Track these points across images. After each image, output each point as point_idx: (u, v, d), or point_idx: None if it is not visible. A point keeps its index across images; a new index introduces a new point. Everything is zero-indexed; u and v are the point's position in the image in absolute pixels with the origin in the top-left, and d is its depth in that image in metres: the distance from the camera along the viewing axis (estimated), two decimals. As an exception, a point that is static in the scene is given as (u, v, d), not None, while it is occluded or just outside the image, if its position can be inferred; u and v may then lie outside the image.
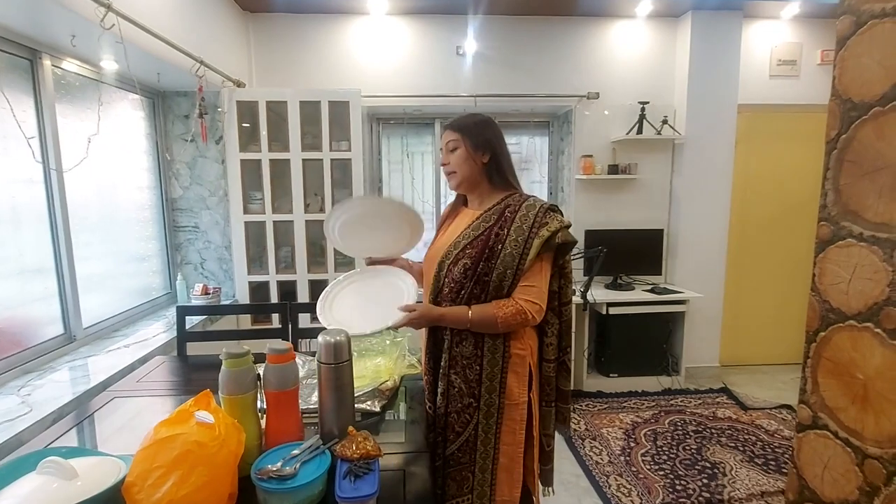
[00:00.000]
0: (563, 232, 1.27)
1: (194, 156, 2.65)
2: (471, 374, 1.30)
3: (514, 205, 1.31)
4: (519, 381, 1.32)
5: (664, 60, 3.36)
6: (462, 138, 1.33)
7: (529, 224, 1.26)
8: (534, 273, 1.27)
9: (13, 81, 1.69)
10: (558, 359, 1.39)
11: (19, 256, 1.76)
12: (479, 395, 1.30)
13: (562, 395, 1.42)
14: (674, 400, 3.12)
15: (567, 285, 1.37)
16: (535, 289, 1.26)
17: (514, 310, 1.24)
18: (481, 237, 1.29)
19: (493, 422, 1.31)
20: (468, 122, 1.35)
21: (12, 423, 1.30)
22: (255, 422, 1.03)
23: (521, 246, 1.25)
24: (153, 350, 1.90)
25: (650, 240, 3.41)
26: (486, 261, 1.26)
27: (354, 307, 1.40)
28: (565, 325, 1.38)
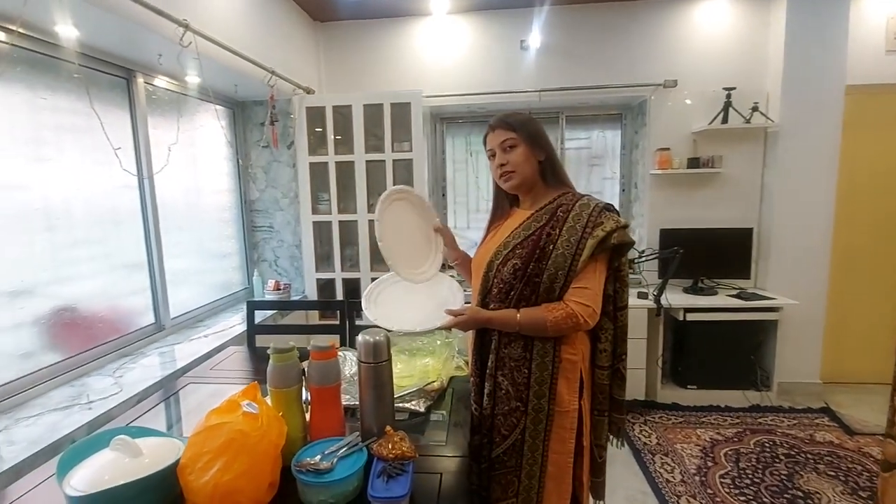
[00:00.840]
0: (619, 232, 1.20)
1: (269, 160, 2.84)
2: (518, 377, 1.26)
3: (567, 204, 1.26)
4: (570, 388, 1.26)
5: (754, 40, 3.03)
6: (520, 136, 1.28)
7: (583, 224, 1.21)
8: (587, 275, 1.21)
9: (112, 98, 1.91)
10: (612, 366, 1.31)
11: (120, 253, 1.98)
12: (527, 400, 1.25)
13: (616, 405, 1.34)
14: (762, 418, 2.81)
15: (623, 289, 1.30)
16: (589, 291, 1.20)
17: (565, 313, 1.18)
18: (532, 237, 1.25)
19: (541, 428, 1.25)
20: (522, 120, 1.30)
21: (105, 401, 1.47)
22: (299, 414, 1.07)
23: (573, 246, 1.20)
24: (228, 340, 2.05)
25: (737, 240, 3.09)
26: (537, 261, 1.22)
27: (400, 304, 1.41)
28: (621, 331, 1.30)
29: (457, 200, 3.65)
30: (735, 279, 3.12)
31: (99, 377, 1.66)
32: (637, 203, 3.38)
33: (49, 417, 1.36)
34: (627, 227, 1.24)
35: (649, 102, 3.13)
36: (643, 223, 3.25)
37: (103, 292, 1.90)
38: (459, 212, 3.67)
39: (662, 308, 2.83)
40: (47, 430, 1.30)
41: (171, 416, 1.37)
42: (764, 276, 3.13)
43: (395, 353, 1.60)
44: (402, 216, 1.46)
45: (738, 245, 3.10)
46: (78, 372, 1.67)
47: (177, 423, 1.33)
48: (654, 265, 3.09)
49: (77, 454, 0.96)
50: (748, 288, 3.09)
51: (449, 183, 3.60)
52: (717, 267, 3.12)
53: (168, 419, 1.36)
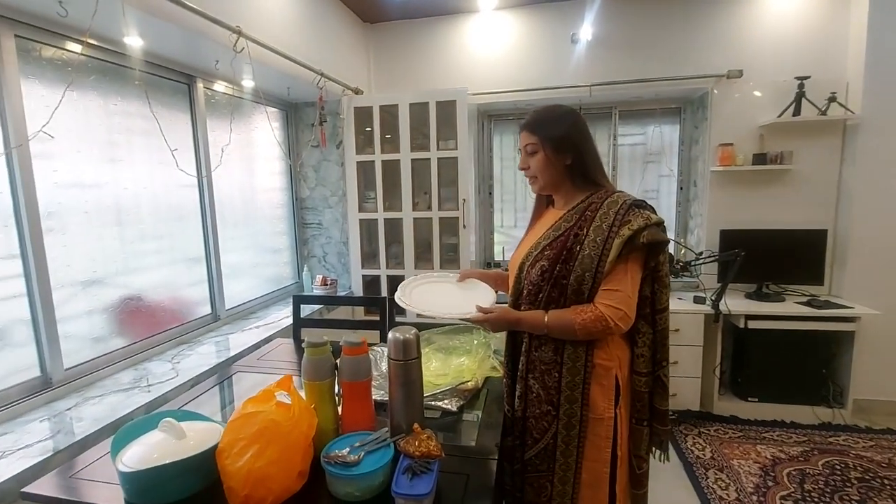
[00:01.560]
0: (649, 230, 1.13)
1: (319, 160, 2.93)
2: (549, 380, 1.22)
3: (596, 202, 1.21)
4: (604, 394, 1.20)
5: (831, 23, 2.77)
6: (541, 141, 1.24)
7: (610, 222, 1.16)
8: (617, 276, 1.15)
9: (174, 103, 2.05)
10: (652, 373, 1.24)
11: (181, 247, 2.13)
12: (558, 404, 1.21)
13: (658, 415, 1.26)
14: (834, 437, 2.57)
15: (662, 290, 1.22)
16: (619, 293, 1.14)
17: (594, 315, 1.13)
18: (561, 238, 1.21)
19: (574, 434, 1.21)
20: (546, 122, 1.25)
21: (162, 384, 1.57)
22: (331, 407, 1.09)
23: (599, 247, 1.15)
24: (276, 332, 2.14)
25: (808, 243, 2.85)
26: (564, 263, 1.18)
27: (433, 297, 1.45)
28: (660, 336, 1.23)
29: (504, 199, 3.60)
30: (805, 285, 2.87)
31: (159, 362, 1.78)
32: (696, 202, 3.19)
33: (112, 398, 1.48)
34: (661, 224, 1.16)
35: (711, 95, 2.94)
36: (702, 223, 3.06)
37: (166, 283, 2.04)
38: (507, 210, 3.62)
39: (721, 314, 2.66)
40: (110, 409, 1.41)
41: (221, 401, 1.44)
42: (839, 283, 2.86)
43: (431, 351, 1.62)
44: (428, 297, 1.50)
45: (810, 248, 2.85)
46: (141, 357, 1.80)
47: (223, 409, 1.40)
48: (713, 268, 2.90)
49: (129, 433, 1.04)
50: (820, 295, 2.83)
51: (496, 181, 3.57)
52: (785, 271, 2.89)
53: (217, 404, 1.44)
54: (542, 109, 1.29)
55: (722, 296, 2.66)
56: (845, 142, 2.83)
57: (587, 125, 1.28)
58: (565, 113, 1.26)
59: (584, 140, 1.25)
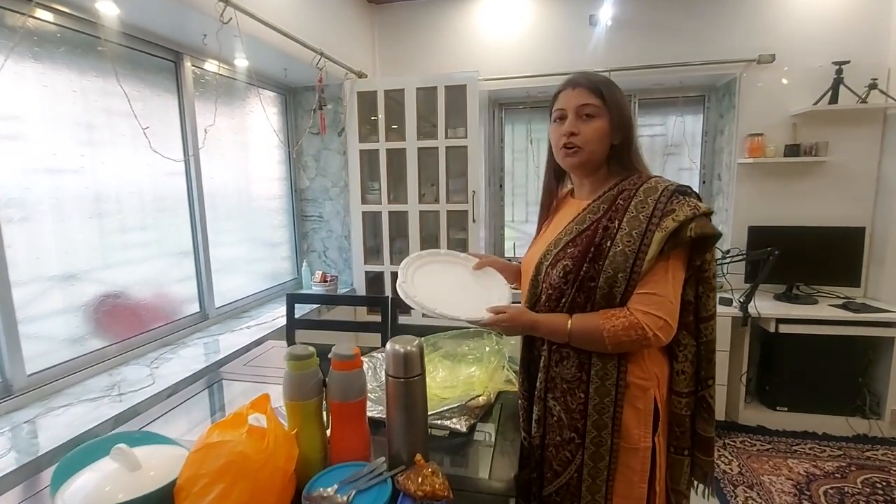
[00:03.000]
0: (697, 221, 0.93)
1: (319, 148, 2.75)
2: (573, 401, 1.03)
3: (629, 189, 1.01)
4: (640, 420, 1.01)
5: (873, 4, 2.54)
6: (605, 107, 1.01)
7: (649, 213, 0.96)
8: (656, 277, 0.95)
9: (160, 81, 1.88)
10: (695, 392, 1.04)
11: (168, 240, 1.96)
12: (584, 431, 1.02)
13: (701, 443, 1.06)
14: (871, 451, 2.38)
15: (707, 294, 1.02)
16: (658, 298, 0.95)
17: (628, 322, 0.94)
18: (587, 232, 1.01)
19: (603, 466, 1.02)
20: (612, 86, 1.04)
21: (136, 393, 1.41)
22: (318, 432, 0.92)
23: (636, 242, 0.95)
24: (269, 333, 1.98)
25: (844, 241, 2.63)
26: (592, 262, 0.98)
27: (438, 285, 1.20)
28: (705, 349, 1.03)
29: (515, 192, 3.41)
30: (840, 287, 2.67)
31: (136, 367, 1.62)
32: (721, 196, 2.99)
33: (78, 409, 1.32)
34: (710, 214, 0.97)
35: (739, 81, 2.73)
36: (727, 219, 2.86)
37: (150, 279, 1.88)
38: (517, 203, 3.43)
39: (749, 317, 2.46)
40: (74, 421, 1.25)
41: (198, 416, 1.28)
42: (876, 285, 2.65)
43: (438, 358, 1.44)
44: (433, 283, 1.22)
45: (846, 247, 2.64)
46: (118, 360, 1.64)
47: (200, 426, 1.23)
48: (740, 268, 2.70)
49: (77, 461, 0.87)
50: (856, 297, 2.62)
51: (507, 173, 3.38)
52: (818, 272, 2.68)
53: (194, 419, 1.27)
54: (599, 75, 1.08)
55: (751, 297, 2.46)
56: (886, 132, 2.61)
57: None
58: (620, 89, 1.07)
59: (633, 122, 1.07)
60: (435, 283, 1.21)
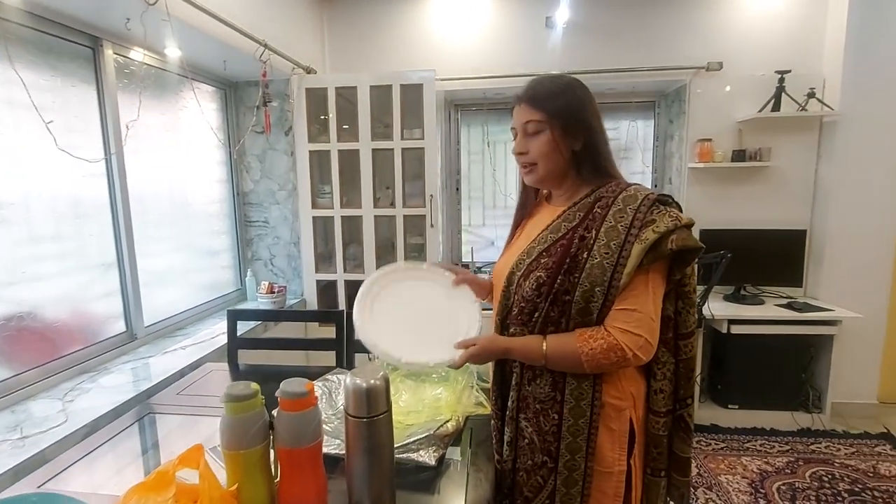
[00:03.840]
0: (679, 233, 0.88)
1: (264, 148, 2.55)
2: (546, 422, 0.97)
3: (607, 197, 0.95)
4: (614, 442, 0.96)
5: (810, 17, 2.68)
6: (548, 119, 0.96)
7: (628, 223, 0.90)
8: (636, 292, 0.90)
9: (75, 70, 1.64)
10: (673, 412, 1.00)
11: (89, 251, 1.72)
12: (558, 454, 0.96)
13: (678, 464, 1.02)
14: (816, 444, 2.48)
15: (688, 310, 0.98)
16: (639, 315, 0.89)
17: (607, 344, 0.89)
18: (562, 242, 0.95)
19: (576, 492, 0.96)
20: (555, 94, 0.98)
21: (42, 435, 1.19)
22: (264, 485, 0.78)
23: (614, 254, 0.89)
24: (208, 354, 1.78)
25: (787, 243, 2.75)
26: (567, 274, 0.92)
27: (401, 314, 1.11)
28: (684, 367, 0.99)
29: (472, 195, 3.34)
30: (783, 287, 2.79)
31: (47, 401, 1.39)
32: (672, 200, 3.05)
33: (-33, 459, 1.09)
34: (692, 225, 0.92)
35: (689, 88, 2.79)
36: (679, 223, 2.91)
37: (66, 296, 1.64)
38: (475, 207, 3.36)
39: (704, 319, 2.51)
40: (-38, 476, 1.03)
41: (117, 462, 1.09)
42: (815, 284, 2.78)
43: (400, 378, 1.32)
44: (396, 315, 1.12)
45: (789, 249, 2.76)
46: (24, 394, 1.40)
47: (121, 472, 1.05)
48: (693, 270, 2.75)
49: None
50: (798, 297, 2.75)
51: (464, 176, 3.30)
52: (764, 273, 2.79)
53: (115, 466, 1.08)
54: (545, 79, 1.01)
55: (706, 299, 2.51)
56: (822, 139, 2.75)
57: (594, 101, 1.01)
58: (575, 85, 0.99)
59: (598, 120, 0.99)
60: (397, 314, 1.11)
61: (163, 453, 1.11)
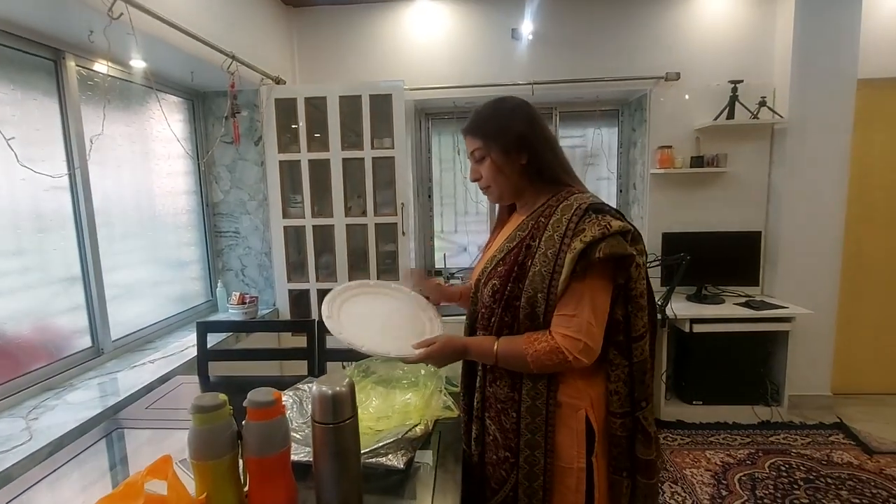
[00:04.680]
0: (607, 242, 0.92)
1: (234, 158, 2.55)
2: (506, 421, 1.04)
3: (552, 206, 1.02)
4: (573, 440, 1.01)
5: (760, 32, 2.84)
6: (486, 145, 1.05)
7: (562, 232, 0.96)
8: (574, 298, 0.95)
9: (36, 83, 1.62)
10: (630, 413, 1.02)
11: (51, 265, 1.69)
12: (518, 450, 1.03)
13: (641, 466, 1.04)
14: (774, 436, 2.61)
15: (636, 313, 0.99)
16: (577, 320, 0.94)
17: (549, 347, 0.95)
18: (514, 251, 1.03)
19: (537, 485, 1.02)
20: (490, 120, 1.06)
21: (7, 454, 1.18)
22: (233, 494, 0.80)
23: (551, 262, 0.96)
24: (178, 367, 1.76)
25: (743, 244, 2.89)
26: (516, 281, 0.99)
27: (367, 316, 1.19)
28: (638, 370, 1.00)
29: (444, 202, 3.39)
30: (741, 286, 2.92)
31: (8, 420, 1.36)
32: (636, 205, 3.17)
33: (-75, 482, 1.07)
34: (626, 232, 0.95)
35: (649, 97, 2.92)
36: (644, 226, 3.03)
37: (28, 312, 1.60)
38: (447, 214, 3.42)
39: (667, 319, 2.61)
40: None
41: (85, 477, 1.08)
42: (771, 283, 2.93)
43: (370, 385, 1.35)
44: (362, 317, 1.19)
45: (746, 250, 2.90)
46: (-15, 412, 1.37)
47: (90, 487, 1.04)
48: (657, 272, 2.87)
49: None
50: (756, 295, 2.89)
51: (435, 183, 3.35)
52: (723, 273, 2.92)
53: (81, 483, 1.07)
54: (484, 107, 1.08)
55: (668, 300, 2.61)
56: (773, 145, 2.91)
57: (539, 115, 1.08)
58: (512, 107, 1.06)
59: (539, 132, 1.05)
60: (364, 316, 1.17)
61: (131, 468, 1.11)
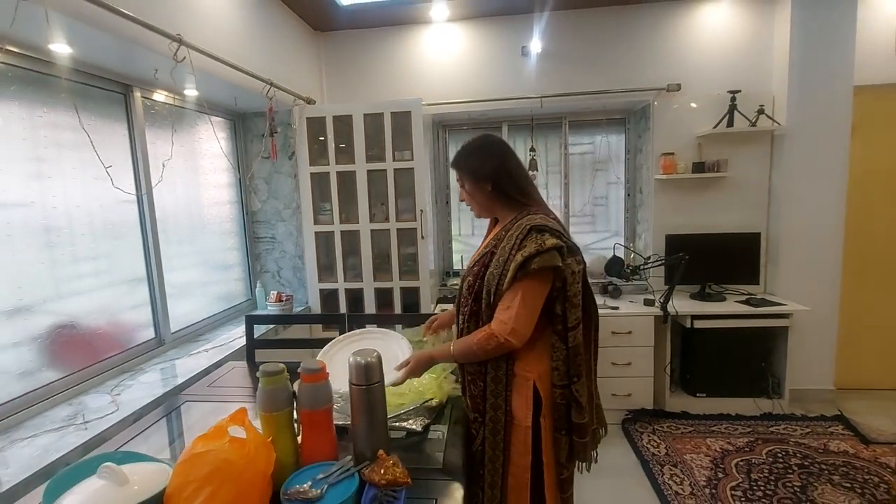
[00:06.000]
0: (541, 257, 1.20)
1: (270, 171, 2.83)
2: (475, 389, 1.34)
3: (513, 223, 1.32)
4: (523, 403, 1.30)
5: (758, 42, 2.98)
6: (464, 176, 1.39)
7: (511, 245, 1.26)
8: (510, 295, 1.24)
9: (110, 112, 1.92)
10: (567, 385, 1.29)
11: (120, 268, 1.98)
12: (484, 411, 1.33)
13: (576, 429, 1.31)
14: (774, 427, 2.75)
15: (571, 310, 1.27)
16: (509, 311, 1.23)
17: (485, 334, 1.25)
18: (486, 255, 1.34)
19: (499, 439, 1.32)
20: (463, 156, 1.39)
21: (100, 421, 1.45)
22: (290, 438, 1.04)
23: (500, 267, 1.26)
24: (228, 355, 2.04)
25: (744, 245, 3.04)
26: (482, 279, 1.31)
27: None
28: (573, 352, 1.28)
29: (461, 207, 3.62)
30: (743, 285, 3.06)
31: (97, 395, 1.65)
32: (642, 208, 3.34)
33: (44, 439, 1.35)
34: (560, 248, 1.22)
35: (652, 107, 3.09)
36: (648, 228, 3.20)
37: (103, 308, 1.90)
38: (464, 219, 3.64)
39: (669, 315, 2.78)
40: (41, 452, 1.28)
41: (168, 436, 1.35)
42: (773, 282, 3.06)
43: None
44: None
45: (746, 250, 3.04)
46: (77, 390, 1.66)
47: (171, 445, 1.31)
48: (661, 271, 3.04)
49: (64, 481, 0.95)
50: (757, 294, 3.03)
51: (453, 190, 3.58)
52: (725, 272, 3.07)
53: (164, 440, 1.34)
54: (466, 145, 1.41)
55: (669, 298, 2.78)
56: (773, 150, 3.04)
57: (504, 148, 1.38)
58: (479, 145, 1.38)
59: (500, 165, 1.34)
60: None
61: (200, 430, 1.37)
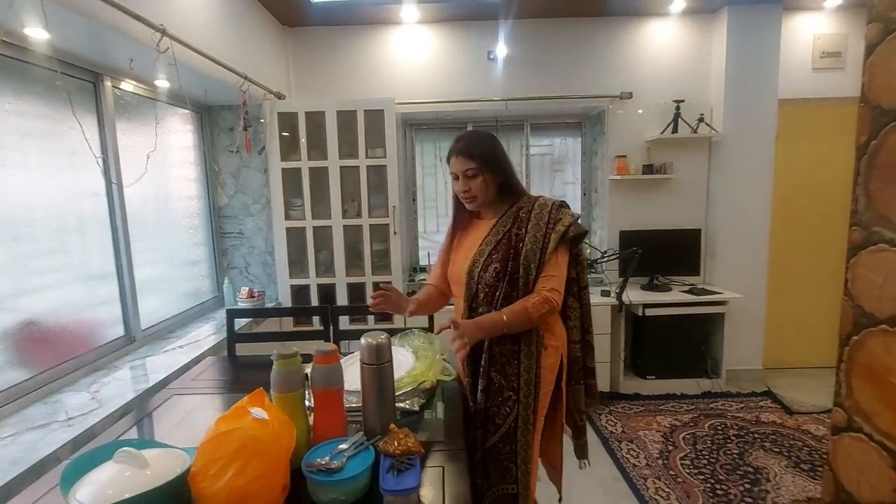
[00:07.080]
0: (575, 226, 1.39)
1: (238, 166, 2.79)
2: (510, 369, 1.40)
3: (526, 206, 1.43)
4: (549, 372, 1.43)
5: (699, 57, 3.29)
6: (480, 168, 1.40)
7: (545, 221, 1.39)
8: (552, 264, 1.37)
9: (79, 102, 1.85)
10: (582, 339, 1.50)
11: (86, 263, 1.91)
12: (519, 388, 1.40)
13: (589, 372, 1.54)
14: (714, 403, 3.05)
15: (583, 272, 1.50)
16: (555, 278, 1.37)
17: (541, 298, 1.34)
18: (503, 241, 1.40)
19: (531, 412, 1.41)
20: (483, 148, 1.41)
21: (85, 417, 1.43)
22: (303, 418, 1.10)
23: (539, 241, 1.37)
24: (205, 350, 2.02)
25: (687, 240, 3.34)
26: (514, 260, 1.37)
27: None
28: (586, 308, 1.51)
29: (426, 205, 3.71)
30: (686, 276, 3.36)
31: (73, 393, 1.60)
32: (597, 206, 3.57)
33: (27, 437, 1.31)
34: (580, 218, 1.43)
35: (607, 112, 3.32)
36: (604, 225, 3.43)
37: (70, 304, 1.83)
38: (429, 216, 3.73)
39: (623, 305, 3.01)
40: (27, 449, 1.25)
41: (161, 429, 1.35)
42: (711, 273, 3.38)
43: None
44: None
45: (689, 244, 3.34)
46: (49, 389, 1.60)
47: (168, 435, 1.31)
48: (615, 265, 3.27)
49: (78, 468, 0.95)
50: (698, 284, 3.34)
51: (419, 188, 3.66)
52: (671, 265, 3.35)
53: (160, 430, 1.34)
54: (472, 135, 1.46)
55: (624, 289, 3.01)
56: (711, 155, 3.36)
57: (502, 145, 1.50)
58: (491, 137, 1.48)
59: (506, 157, 1.47)
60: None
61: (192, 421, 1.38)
